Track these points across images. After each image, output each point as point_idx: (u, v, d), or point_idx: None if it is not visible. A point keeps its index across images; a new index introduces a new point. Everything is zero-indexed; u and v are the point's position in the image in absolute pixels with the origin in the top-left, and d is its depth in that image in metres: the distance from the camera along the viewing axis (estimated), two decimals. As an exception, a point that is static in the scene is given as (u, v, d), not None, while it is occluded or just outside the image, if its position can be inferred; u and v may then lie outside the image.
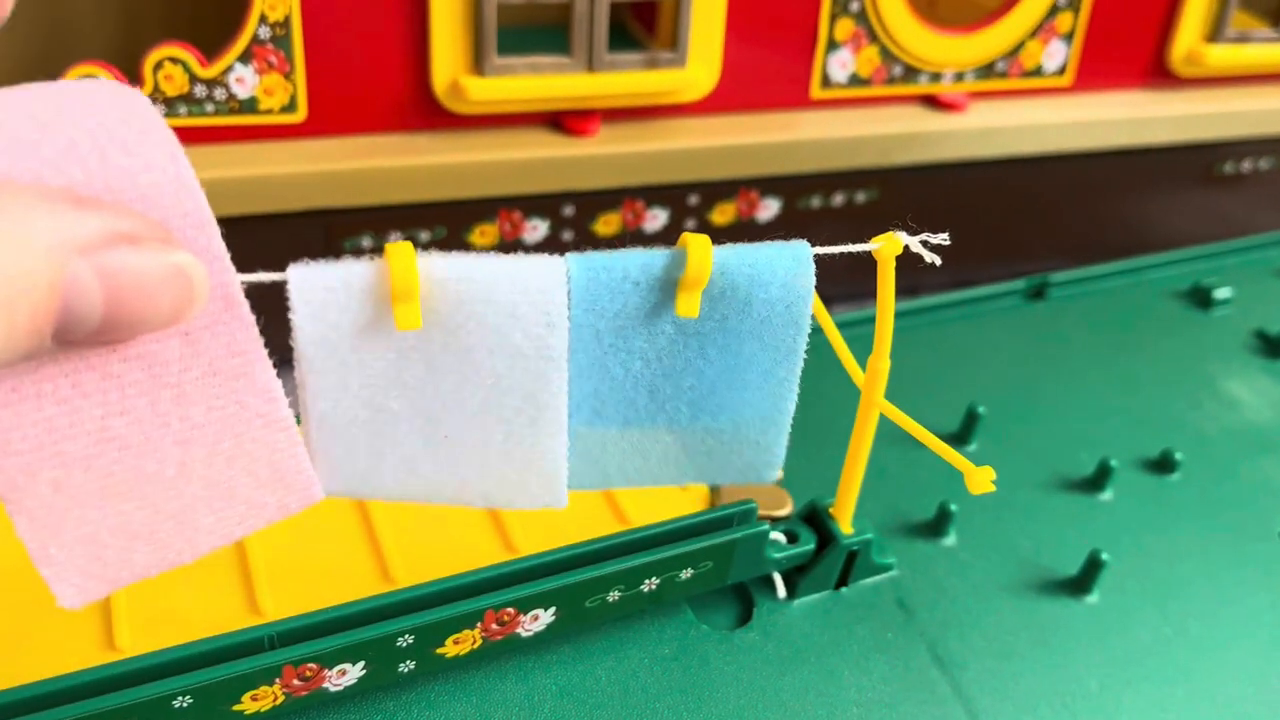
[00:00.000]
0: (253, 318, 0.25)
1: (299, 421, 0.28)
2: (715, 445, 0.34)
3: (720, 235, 0.70)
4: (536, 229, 0.65)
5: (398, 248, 0.26)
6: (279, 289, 0.26)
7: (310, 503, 0.27)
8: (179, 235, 0.23)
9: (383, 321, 0.27)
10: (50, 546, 0.25)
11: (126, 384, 0.24)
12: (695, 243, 0.29)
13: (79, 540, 0.25)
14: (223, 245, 0.24)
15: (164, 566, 0.26)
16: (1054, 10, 0.73)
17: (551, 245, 0.66)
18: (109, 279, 0.21)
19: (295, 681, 0.34)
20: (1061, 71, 0.77)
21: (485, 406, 0.29)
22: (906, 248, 0.31)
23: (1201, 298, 0.66)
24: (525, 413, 0.30)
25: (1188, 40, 0.78)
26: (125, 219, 0.22)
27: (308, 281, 0.26)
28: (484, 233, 0.64)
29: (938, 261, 0.30)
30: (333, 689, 0.35)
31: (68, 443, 0.24)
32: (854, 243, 0.32)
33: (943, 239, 0.31)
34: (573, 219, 0.66)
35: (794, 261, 0.31)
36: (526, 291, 0.28)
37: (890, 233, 0.32)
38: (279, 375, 0.26)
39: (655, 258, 0.30)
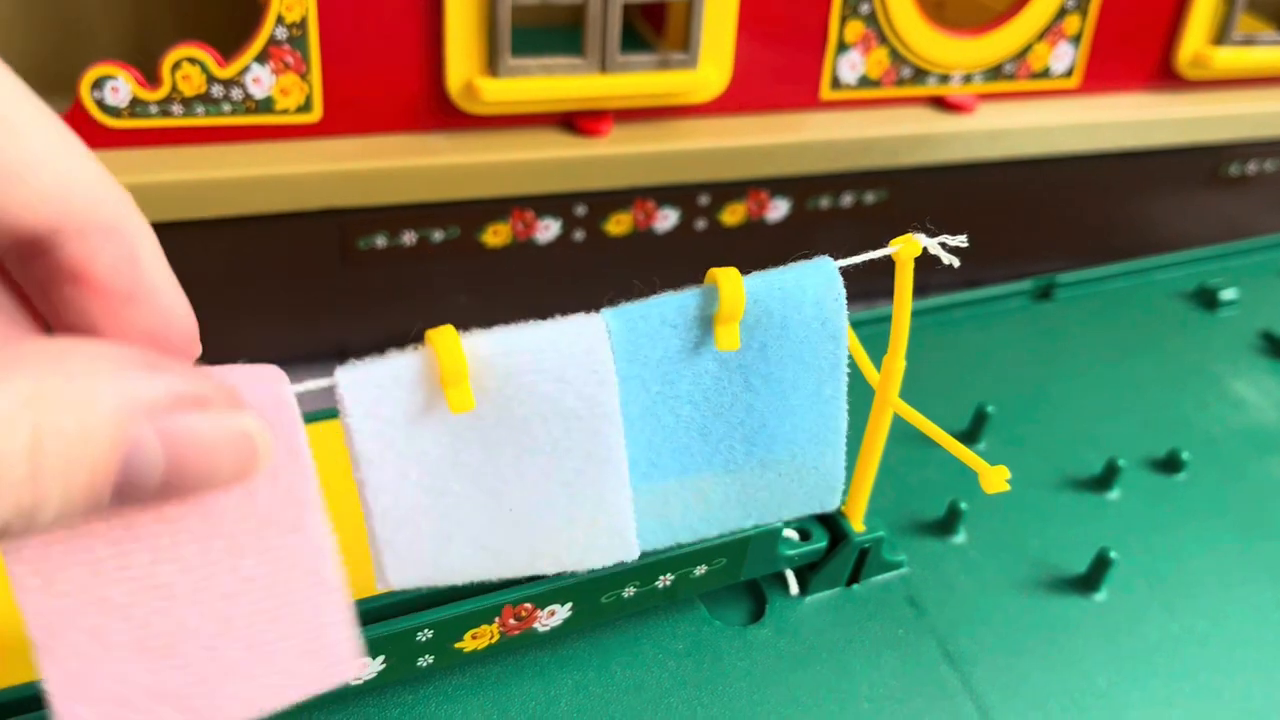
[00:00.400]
0: (314, 468, 0.25)
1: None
2: (775, 479, 0.34)
3: (730, 235, 0.71)
4: (549, 228, 0.66)
5: (441, 333, 0.26)
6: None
7: (350, 677, 0.26)
8: (247, 390, 0.23)
9: (435, 407, 0.27)
10: (79, 705, 0.23)
11: (179, 529, 0.24)
12: (725, 277, 0.30)
13: (109, 699, 0.24)
14: (291, 394, 0.24)
15: None
16: (1062, 13, 0.73)
17: (563, 244, 0.67)
18: (172, 442, 0.21)
19: (317, 674, 0.34)
20: (1069, 74, 0.77)
21: (546, 473, 0.29)
22: (923, 249, 0.32)
23: (1208, 299, 0.67)
24: (586, 473, 0.30)
25: (1194, 43, 0.78)
26: (193, 381, 0.22)
27: (358, 382, 0.26)
28: (497, 232, 0.65)
29: (956, 263, 0.31)
30: (353, 683, 0.35)
31: (113, 587, 0.23)
32: (862, 242, 0.32)
33: (960, 241, 0.31)
34: (584, 219, 0.66)
35: (822, 278, 0.31)
36: (572, 354, 0.28)
37: (909, 234, 0.32)
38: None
39: (688, 298, 0.30)
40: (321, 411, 0.38)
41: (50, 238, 0.22)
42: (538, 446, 0.29)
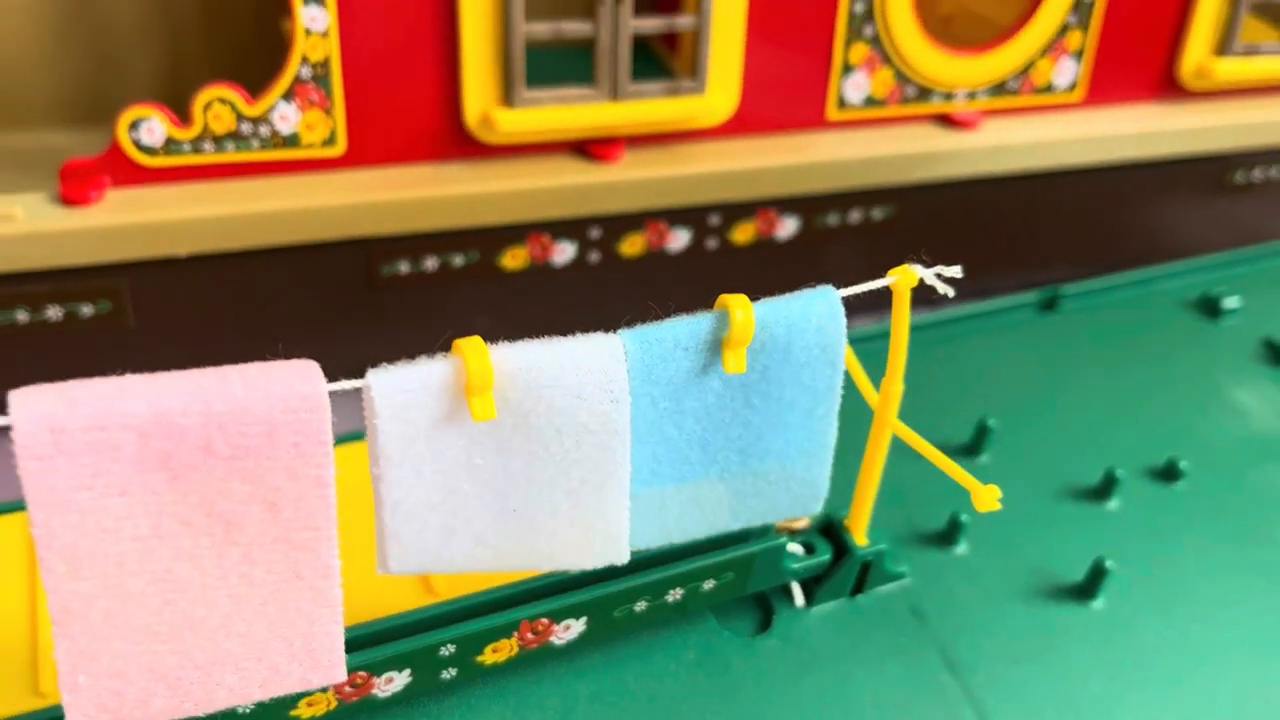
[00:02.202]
0: (335, 499, 0.27)
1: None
2: (764, 486, 0.36)
3: (740, 254, 0.73)
4: (564, 251, 0.68)
5: (470, 344, 0.28)
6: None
7: (331, 682, 0.28)
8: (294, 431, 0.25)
9: (457, 413, 0.29)
10: (81, 675, 0.25)
11: (200, 534, 0.26)
12: (736, 303, 0.32)
13: (108, 673, 0.26)
14: (328, 429, 0.26)
15: (177, 715, 0.27)
16: (1064, 29, 0.75)
17: (579, 266, 0.69)
18: None
19: (347, 688, 0.36)
20: (1072, 88, 0.78)
21: (553, 481, 0.31)
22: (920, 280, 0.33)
23: (1210, 307, 0.68)
24: (591, 483, 0.32)
25: (1196, 54, 0.79)
26: None
27: (389, 386, 0.28)
28: (515, 256, 0.67)
29: (951, 294, 0.33)
30: (381, 695, 0.37)
31: (131, 579, 0.25)
32: (870, 258, 0.34)
33: (955, 271, 0.33)
34: (599, 241, 0.68)
35: (825, 306, 0.33)
36: (590, 372, 0.30)
37: (905, 265, 0.34)
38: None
39: (701, 323, 0.32)
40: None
41: None
42: (549, 456, 0.31)
